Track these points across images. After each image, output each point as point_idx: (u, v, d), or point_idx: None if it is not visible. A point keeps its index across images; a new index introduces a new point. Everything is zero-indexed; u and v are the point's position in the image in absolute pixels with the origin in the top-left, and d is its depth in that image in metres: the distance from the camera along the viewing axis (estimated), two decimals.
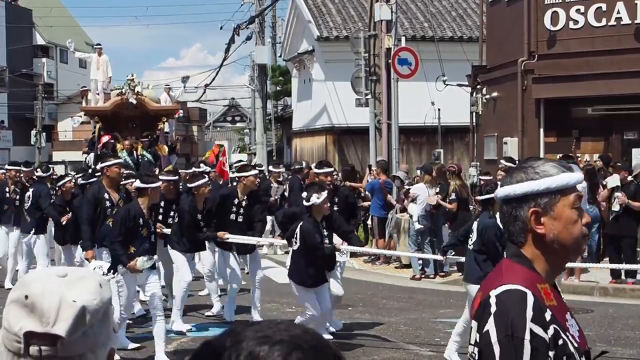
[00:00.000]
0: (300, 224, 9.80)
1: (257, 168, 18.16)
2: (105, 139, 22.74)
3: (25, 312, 1.69)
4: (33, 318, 1.68)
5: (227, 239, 11.53)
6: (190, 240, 11.69)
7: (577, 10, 19.65)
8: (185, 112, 56.81)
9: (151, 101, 23.96)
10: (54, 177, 17.81)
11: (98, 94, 24.79)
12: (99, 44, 26.05)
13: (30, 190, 15.05)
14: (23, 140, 56.00)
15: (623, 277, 14.84)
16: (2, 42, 58.61)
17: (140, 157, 22.40)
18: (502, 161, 16.97)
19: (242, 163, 17.79)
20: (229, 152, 65.20)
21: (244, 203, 11.76)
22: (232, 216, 11.70)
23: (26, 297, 1.70)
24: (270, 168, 22.86)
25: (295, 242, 9.79)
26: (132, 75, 23.32)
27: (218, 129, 77.14)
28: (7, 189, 15.98)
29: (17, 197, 15.83)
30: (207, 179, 12.47)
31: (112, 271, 9.64)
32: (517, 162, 17.17)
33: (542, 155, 18.44)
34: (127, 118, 23.62)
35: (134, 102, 22.95)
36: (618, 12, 19.25)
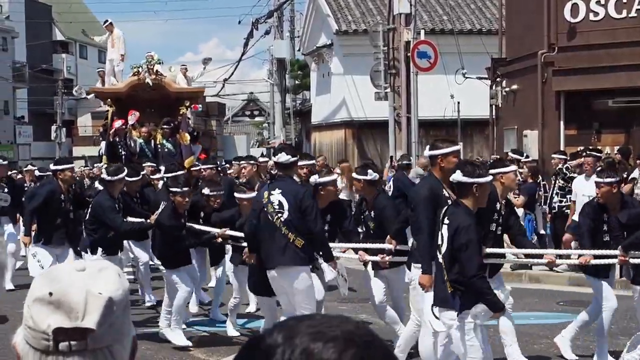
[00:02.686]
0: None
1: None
2: (118, 124, 19.53)
3: (51, 309, 1.68)
4: (60, 314, 1.68)
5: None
6: None
7: (598, 2, 19.54)
8: (204, 107, 56.89)
9: (172, 82, 20.89)
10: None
11: (114, 75, 21.75)
12: (107, 20, 22.29)
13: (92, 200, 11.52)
14: (43, 136, 56.34)
15: None
16: (22, 38, 58.96)
17: (159, 146, 19.59)
18: (510, 153, 16.80)
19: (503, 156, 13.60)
20: (247, 147, 65.34)
21: (503, 210, 8.61)
22: (492, 226, 8.50)
23: (50, 294, 1.69)
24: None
25: None
26: (152, 53, 20.27)
27: (237, 123, 77.26)
28: (62, 196, 11.88)
29: (71, 206, 11.97)
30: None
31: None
32: (524, 154, 17.10)
33: (562, 148, 18.36)
34: (144, 101, 20.36)
35: (150, 82, 19.93)
36: (639, 4, 19.14)
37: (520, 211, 15.41)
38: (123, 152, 19.10)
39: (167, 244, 10.39)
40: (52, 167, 12.43)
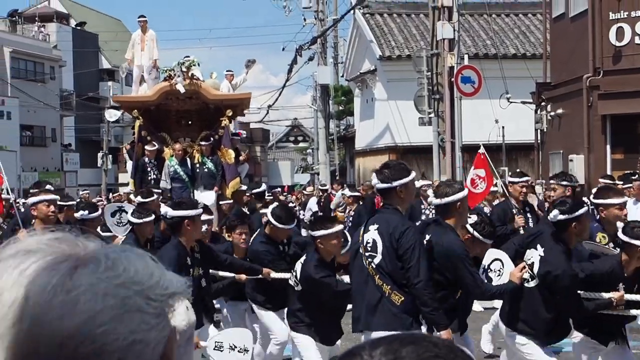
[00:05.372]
0: None
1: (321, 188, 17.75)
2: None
3: None
4: None
5: None
6: None
7: None
8: (248, 133, 57.25)
9: (211, 88, 17.04)
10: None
11: (144, 81, 17.97)
12: (143, 16, 18.46)
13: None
14: (90, 163, 57.01)
15: None
16: (69, 67, 59.82)
17: (197, 166, 16.43)
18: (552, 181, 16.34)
19: None
20: (291, 173, 65.36)
21: None
22: None
23: None
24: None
25: None
26: (190, 57, 16.77)
27: (281, 149, 77.66)
28: (188, 260, 7.48)
29: (202, 269, 7.85)
30: None
31: None
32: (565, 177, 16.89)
33: (609, 172, 18.21)
34: (178, 112, 17.11)
35: (182, 89, 16.25)
36: None
37: None
38: (153, 176, 16.36)
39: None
40: (170, 213, 7.45)
